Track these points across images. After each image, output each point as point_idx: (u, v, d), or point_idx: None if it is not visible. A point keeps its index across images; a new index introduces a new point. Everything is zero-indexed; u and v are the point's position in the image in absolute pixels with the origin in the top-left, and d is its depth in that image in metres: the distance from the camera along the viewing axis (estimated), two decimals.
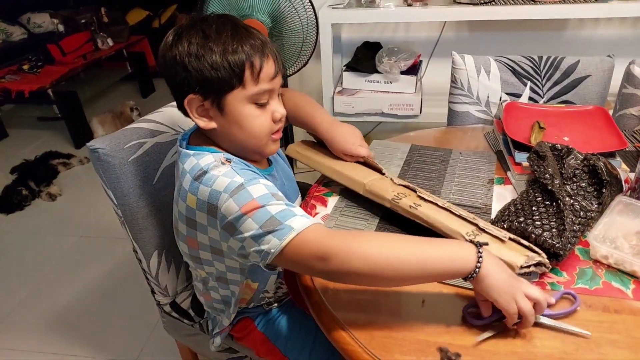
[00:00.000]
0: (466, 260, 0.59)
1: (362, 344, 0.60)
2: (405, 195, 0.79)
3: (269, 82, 0.71)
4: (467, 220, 0.72)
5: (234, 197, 0.65)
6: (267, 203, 0.64)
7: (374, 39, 1.92)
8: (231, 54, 0.67)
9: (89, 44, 3.12)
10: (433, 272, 0.60)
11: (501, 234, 0.69)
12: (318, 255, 0.60)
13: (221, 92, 0.69)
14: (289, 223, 0.62)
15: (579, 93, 1.23)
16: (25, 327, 1.59)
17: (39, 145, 2.84)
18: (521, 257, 0.65)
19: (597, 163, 0.79)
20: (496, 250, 0.67)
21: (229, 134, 0.74)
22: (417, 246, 0.61)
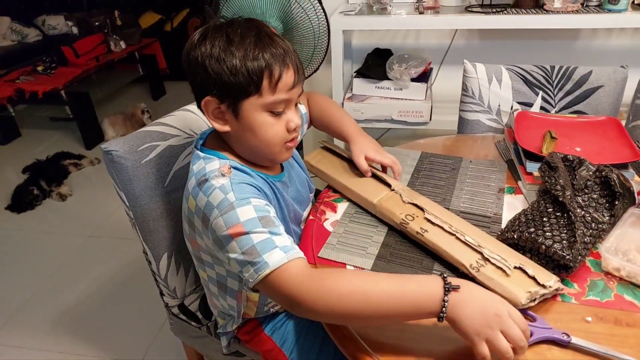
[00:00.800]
0: (431, 302, 0.57)
1: (372, 352, 0.60)
2: (413, 217, 0.79)
3: (287, 92, 0.71)
4: (472, 247, 0.71)
5: (223, 216, 0.66)
6: (251, 230, 0.65)
7: (385, 46, 1.93)
8: (251, 61, 0.67)
9: (102, 46, 3.16)
10: (400, 313, 0.59)
11: (506, 263, 0.67)
12: (287, 299, 0.63)
13: (237, 97, 0.70)
14: (266, 258, 0.63)
15: (591, 103, 1.22)
16: (32, 325, 1.60)
17: (50, 145, 2.87)
18: (524, 293, 0.63)
19: (610, 175, 0.78)
20: (499, 284, 0.65)
21: (243, 139, 0.74)
22: (385, 288, 0.60)
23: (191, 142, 0.96)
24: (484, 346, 0.55)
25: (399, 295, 0.59)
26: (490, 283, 0.66)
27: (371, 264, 0.75)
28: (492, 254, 0.69)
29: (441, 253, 0.73)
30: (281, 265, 0.63)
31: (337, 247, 0.79)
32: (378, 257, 0.76)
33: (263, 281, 0.63)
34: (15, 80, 2.74)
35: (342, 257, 0.77)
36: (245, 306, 0.87)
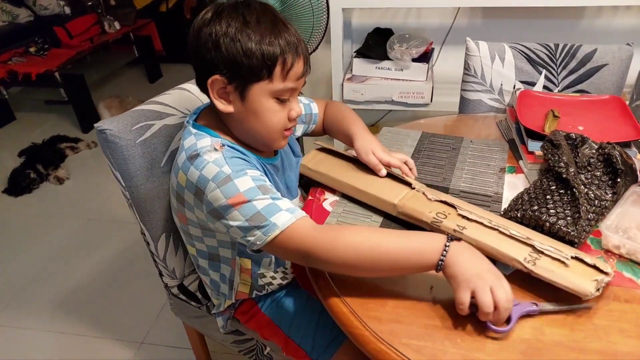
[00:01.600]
0: (433, 253, 0.60)
1: (370, 328, 0.60)
2: (446, 215, 0.71)
3: (296, 81, 0.72)
4: (520, 240, 0.65)
5: (221, 188, 0.67)
6: (253, 198, 0.66)
7: (385, 25, 1.89)
8: (267, 46, 0.67)
9: (96, 27, 3.10)
10: (405, 265, 0.63)
11: (562, 254, 0.61)
12: (300, 253, 0.65)
13: (248, 80, 0.69)
14: (274, 220, 0.65)
15: (595, 82, 1.20)
16: (34, 307, 1.61)
17: (46, 129, 2.85)
18: (591, 283, 0.59)
19: (613, 152, 0.77)
20: (561, 276, 0.60)
21: (244, 121, 0.74)
22: (393, 240, 0.63)
23: None
24: (467, 294, 0.57)
25: (405, 246, 0.62)
26: (552, 276, 0.60)
27: None
28: (544, 245, 0.63)
29: (486, 250, 0.64)
30: (290, 225, 0.65)
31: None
32: None
33: (271, 242, 0.65)
34: (7, 61, 2.70)
35: None
36: (240, 279, 0.87)
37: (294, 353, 0.88)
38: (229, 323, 0.98)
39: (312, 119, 1.00)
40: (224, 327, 0.98)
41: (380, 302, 0.64)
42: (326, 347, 0.85)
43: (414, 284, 0.66)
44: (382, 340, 0.58)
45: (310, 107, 0.99)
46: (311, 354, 0.86)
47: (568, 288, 0.59)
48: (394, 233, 0.66)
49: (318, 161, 0.91)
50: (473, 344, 0.57)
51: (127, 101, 2.89)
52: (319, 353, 0.85)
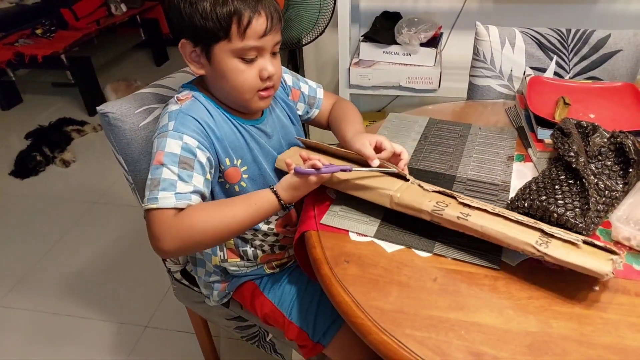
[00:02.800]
0: (271, 204, 0.73)
1: (372, 318, 0.59)
2: (446, 204, 0.67)
3: (257, 40, 0.71)
4: (527, 225, 0.62)
5: (157, 139, 0.73)
6: (167, 163, 0.70)
7: (394, 9, 1.85)
8: (220, 6, 0.68)
9: (103, 9, 3.07)
10: (255, 223, 0.74)
11: (572, 237, 0.60)
12: (156, 235, 0.68)
13: (208, 41, 0.71)
14: (159, 195, 0.68)
15: (607, 69, 1.17)
16: (39, 289, 1.63)
17: (53, 112, 2.85)
18: (606, 262, 0.57)
19: (625, 141, 0.75)
20: (577, 257, 0.58)
21: (216, 82, 0.76)
22: (235, 211, 0.71)
23: None
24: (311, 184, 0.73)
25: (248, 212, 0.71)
26: (567, 257, 0.58)
27: (374, 231, 0.73)
28: (552, 229, 0.61)
29: (495, 236, 0.62)
30: (165, 207, 0.68)
31: (340, 213, 0.77)
32: (381, 224, 0.74)
33: (148, 212, 0.69)
34: (14, 43, 2.69)
35: (345, 224, 0.75)
36: None
37: (295, 336, 0.88)
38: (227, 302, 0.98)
39: (316, 103, 0.98)
40: (219, 302, 0.97)
41: (383, 291, 0.63)
42: (327, 328, 0.85)
43: (418, 275, 0.65)
44: (385, 330, 0.57)
45: (315, 91, 0.98)
46: (313, 336, 0.86)
47: (585, 269, 0.57)
48: (233, 202, 0.73)
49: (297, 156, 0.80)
50: (477, 336, 0.56)
51: (134, 85, 2.87)
52: (320, 335, 0.85)
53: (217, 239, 0.71)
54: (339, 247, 0.71)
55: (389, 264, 0.67)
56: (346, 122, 0.90)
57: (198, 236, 0.68)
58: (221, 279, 0.95)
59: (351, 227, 0.74)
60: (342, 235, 0.73)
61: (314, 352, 0.87)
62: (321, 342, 0.85)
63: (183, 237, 0.67)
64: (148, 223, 0.69)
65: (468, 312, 0.59)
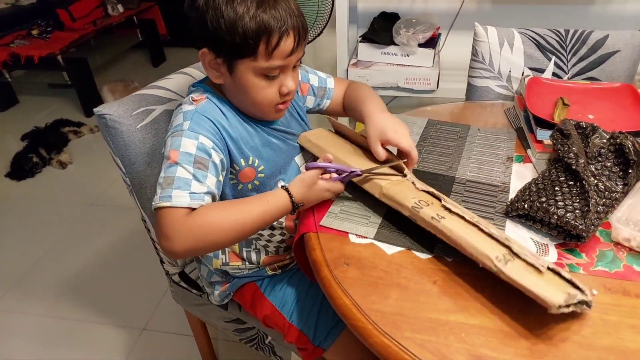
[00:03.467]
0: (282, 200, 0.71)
1: (372, 321, 0.58)
2: (428, 203, 0.68)
3: (283, 59, 0.70)
4: (498, 240, 0.61)
5: (171, 137, 0.71)
6: (182, 162, 0.68)
7: (392, 10, 1.85)
8: (249, 23, 0.65)
9: (99, 10, 3.06)
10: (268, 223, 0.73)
11: (538, 261, 0.57)
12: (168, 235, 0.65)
13: (232, 56, 0.69)
14: (173, 193, 0.66)
15: (605, 69, 1.17)
16: (35, 292, 1.62)
17: (49, 113, 2.83)
18: (561, 294, 0.53)
19: (625, 142, 0.75)
20: (531, 280, 0.55)
21: (235, 92, 0.76)
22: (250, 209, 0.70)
23: None
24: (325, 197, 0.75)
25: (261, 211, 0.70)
26: (520, 279, 0.55)
27: (374, 232, 0.73)
28: (523, 249, 0.59)
29: (459, 243, 0.61)
30: (179, 206, 0.66)
31: (340, 215, 0.77)
32: (381, 226, 0.74)
33: (160, 210, 0.66)
34: (10, 44, 2.67)
35: (345, 225, 0.74)
36: None
37: (296, 339, 0.87)
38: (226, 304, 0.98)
39: (326, 94, 0.96)
40: (222, 302, 0.97)
41: (383, 294, 0.62)
42: (328, 333, 0.85)
43: (418, 278, 0.65)
44: (385, 333, 0.57)
45: (325, 81, 0.96)
46: (313, 340, 0.85)
47: (535, 295, 0.54)
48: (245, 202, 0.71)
49: (321, 137, 0.88)
50: (478, 339, 0.56)
51: (131, 85, 2.86)
52: (321, 339, 0.85)
53: (232, 238, 0.70)
54: (338, 249, 0.70)
55: (389, 266, 0.67)
56: (362, 103, 0.87)
57: (212, 236, 0.66)
58: (222, 280, 0.94)
59: (351, 229, 0.74)
60: (342, 237, 0.72)
61: (313, 356, 0.87)
62: (321, 346, 0.85)
63: (196, 236, 0.65)
64: (158, 221, 0.67)
65: (468, 315, 0.59)
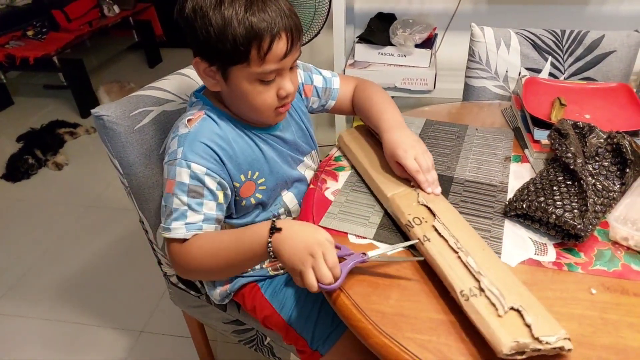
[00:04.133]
0: (262, 249, 0.65)
1: (373, 321, 0.58)
2: (421, 221, 0.69)
3: (277, 63, 0.68)
4: (471, 271, 0.60)
5: (167, 164, 0.73)
6: (176, 194, 0.71)
7: (388, 10, 1.85)
8: (238, 28, 0.63)
9: (95, 11, 3.05)
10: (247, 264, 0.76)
11: (502, 300, 0.55)
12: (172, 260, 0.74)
13: (225, 63, 0.68)
14: (172, 225, 0.71)
15: (602, 69, 1.18)
16: (32, 295, 1.61)
17: (45, 114, 2.82)
18: (509, 341, 0.51)
19: (622, 141, 0.75)
20: (483, 323, 0.54)
21: (232, 99, 0.75)
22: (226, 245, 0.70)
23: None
24: (297, 278, 0.62)
25: (238, 248, 0.69)
26: (475, 318, 0.55)
27: (373, 233, 0.73)
28: (492, 286, 0.57)
29: (435, 269, 0.63)
30: (176, 237, 0.71)
31: (339, 216, 0.77)
32: (380, 227, 0.74)
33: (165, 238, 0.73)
34: (5, 45, 2.66)
35: (344, 226, 0.75)
36: None
37: (294, 342, 0.87)
38: (227, 306, 0.98)
39: (331, 95, 0.95)
40: (222, 302, 0.97)
41: (383, 294, 0.62)
42: (327, 337, 0.84)
43: (418, 278, 0.65)
44: (385, 334, 0.57)
45: (330, 81, 0.94)
46: (311, 344, 0.85)
47: (485, 337, 0.54)
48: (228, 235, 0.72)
49: (354, 137, 0.93)
50: (478, 338, 0.56)
51: (127, 86, 2.85)
52: (319, 343, 0.84)
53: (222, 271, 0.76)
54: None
55: (389, 266, 0.67)
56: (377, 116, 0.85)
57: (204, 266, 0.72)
58: (224, 280, 0.93)
59: (350, 229, 0.74)
60: (341, 238, 0.73)
61: (312, 359, 0.86)
62: (319, 350, 0.84)
63: (190, 265, 0.73)
64: (166, 248, 0.75)
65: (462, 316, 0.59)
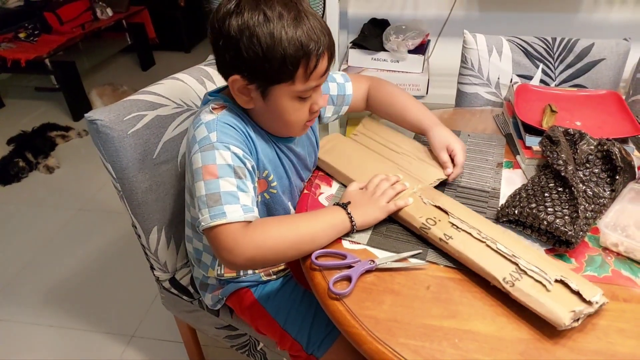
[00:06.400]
0: (344, 224, 0.71)
1: (367, 327, 0.59)
2: (435, 221, 0.70)
3: (318, 80, 0.69)
4: (505, 256, 0.63)
5: (202, 153, 0.68)
6: (222, 176, 0.66)
7: (382, 16, 1.87)
8: (288, 47, 0.63)
9: (88, 13, 3.03)
10: (323, 242, 0.71)
11: (545, 276, 0.59)
12: (228, 249, 0.65)
13: (269, 82, 0.67)
14: (225, 209, 0.65)
15: (591, 77, 1.20)
16: (22, 299, 1.59)
17: (36, 117, 2.79)
18: (567, 313, 0.55)
19: (612, 149, 0.76)
20: (537, 302, 0.57)
21: (265, 117, 0.74)
22: (308, 225, 0.70)
23: (181, 112, 0.93)
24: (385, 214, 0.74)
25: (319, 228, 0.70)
26: (528, 300, 0.58)
27: (367, 239, 0.73)
28: (530, 264, 0.61)
29: (469, 264, 0.64)
30: (235, 221, 0.65)
31: None
32: (374, 232, 0.74)
33: (215, 228, 0.65)
34: None
35: None
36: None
37: (289, 347, 0.87)
38: (220, 311, 0.97)
39: (345, 101, 0.95)
40: (214, 307, 0.96)
41: (377, 300, 0.63)
42: (321, 341, 0.84)
43: (411, 284, 0.66)
44: (379, 339, 0.57)
45: (344, 88, 0.94)
46: (307, 348, 0.85)
47: (543, 315, 0.57)
48: (304, 218, 0.72)
49: (329, 148, 0.91)
50: (471, 344, 0.56)
51: (120, 89, 2.84)
52: (314, 347, 0.84)
53: (290, 254, 0.69)
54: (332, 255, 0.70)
55: (382, 272, 0.67)
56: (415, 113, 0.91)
57: (272, 249, 0.67)
58: (216, 285, 0.93)
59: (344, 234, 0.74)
60: (336, 243, 0.73)
61: None
62: (315, 354, 0.84)
63: (257, 246, 0.66)
64: (215, 238, 0.66)
65: (461, 320, 0.59)
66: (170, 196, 0.94)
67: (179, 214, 0.97)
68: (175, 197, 0.95)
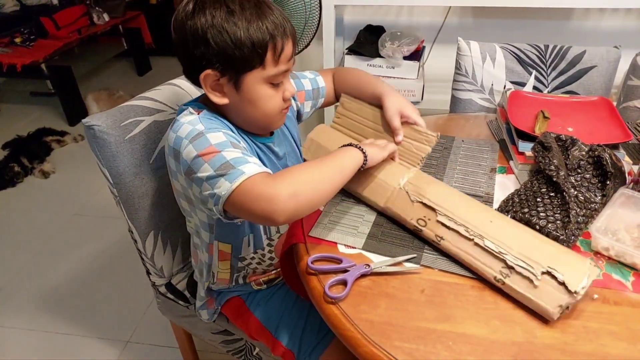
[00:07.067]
0: (359, 156, 0.73)
1: (362, 330, 0.59)
2: (426, 222, 0.72)
3: (287, 63, 0.71)
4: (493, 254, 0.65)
5: (193, 143, 0.67)
6: (223, 149, 0.65)
7: (377, 23, 1.89)
8: (255, 33, 0.66)
9: (84, 19, 3.04)
10: (347, 178, 0.71)
11: (532, 270, 0.61)
12: (263, 201, 0.61)
13: (241, 70, 0.69)
14: (241, 167, 0.63)
15: (583, 83, 1.22)
16: (17, 305, 1.58)
17: (32, 121, 2.79)
18: (555, 308, 0.59)
19: (603, 154, 0.78)
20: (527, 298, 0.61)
21: (241, 109, 0.74)
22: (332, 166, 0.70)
23: None
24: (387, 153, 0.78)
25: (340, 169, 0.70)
26: (518, 296, 0.62)
27: (362, 243, 0.74)
28: (517, 259, 0.63)
29: (464, 262, 0.68)
30: (255, 173, 0.63)
31: (329, 226, 0.78)
32: (369, 236, 0.75)
33: (237, 190, 0.62)
34: None
35: (333, 236, 0.75)
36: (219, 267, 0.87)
37: (282, 354, 0.87)
38: (216, 320, 0.97)
39: (320, 93, 0.98)
40: (210, 320, 0.97)
41: (372, 304, 0.63)
42: (313, 348, 0.84)
43: (406, 287, 0.66)
44: (374, 342, 0.58)
45: (316, 81, 0.97)
46: (298, 356, 0.85)
47: (535, 309, 0.61)
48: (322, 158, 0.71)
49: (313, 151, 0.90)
50: (465, 347, 0.57)
51: (116, 94, 2.84)
52: (306, 355, 0.85)
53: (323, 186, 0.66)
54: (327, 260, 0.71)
55: (377, 276, 0.68)
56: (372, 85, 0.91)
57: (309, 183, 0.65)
58: (208, 297, 0.94)
59: (339, 239, 0.75)
60: (331, 247, 0.73)
61: None
62: None
63: (292, 182, 0.63)
64: (245, 195, 0.62)
65: (455, 323, 0.60)
66: (167, 201, 0.95)
67: (175, 219, 0.97)
68: (172, 202, 0.96)
